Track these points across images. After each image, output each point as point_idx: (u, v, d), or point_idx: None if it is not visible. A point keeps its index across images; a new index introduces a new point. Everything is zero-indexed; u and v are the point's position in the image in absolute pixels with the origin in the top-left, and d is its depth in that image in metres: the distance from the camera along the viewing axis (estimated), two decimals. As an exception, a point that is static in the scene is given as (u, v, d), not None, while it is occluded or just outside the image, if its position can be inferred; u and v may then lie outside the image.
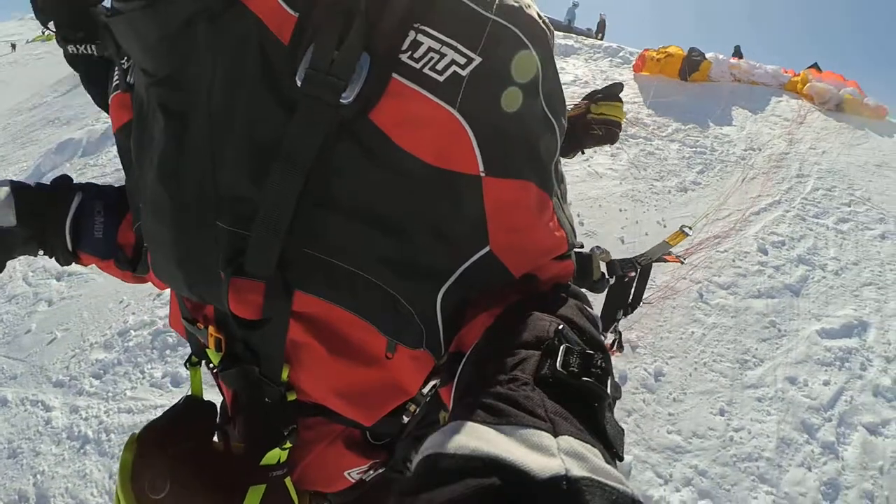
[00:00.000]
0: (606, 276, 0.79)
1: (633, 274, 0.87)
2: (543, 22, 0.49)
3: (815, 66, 7.15)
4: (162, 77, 0.49)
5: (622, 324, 2.88)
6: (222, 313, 0.54)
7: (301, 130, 0.43)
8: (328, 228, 0.46)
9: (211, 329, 0.57)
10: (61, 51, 1.42)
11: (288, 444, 0.59)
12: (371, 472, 0.71)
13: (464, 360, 0.46)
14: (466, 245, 0.48)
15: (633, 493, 0.27)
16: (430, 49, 0.43)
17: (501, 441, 0.29)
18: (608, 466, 0.28)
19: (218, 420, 0.65)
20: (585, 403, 0.35)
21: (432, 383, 0.60)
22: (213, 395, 0.64)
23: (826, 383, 2.71)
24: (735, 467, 2.26)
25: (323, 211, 0.45)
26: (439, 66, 0.43)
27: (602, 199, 4.26)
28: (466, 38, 0.43)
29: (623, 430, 0.37)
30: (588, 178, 4.58)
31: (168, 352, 2.79)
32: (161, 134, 0.50)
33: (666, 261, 1.01)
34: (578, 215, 4.04)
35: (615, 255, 1.13)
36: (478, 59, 0.43)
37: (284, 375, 0.56)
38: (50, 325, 3.19)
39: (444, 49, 0.43)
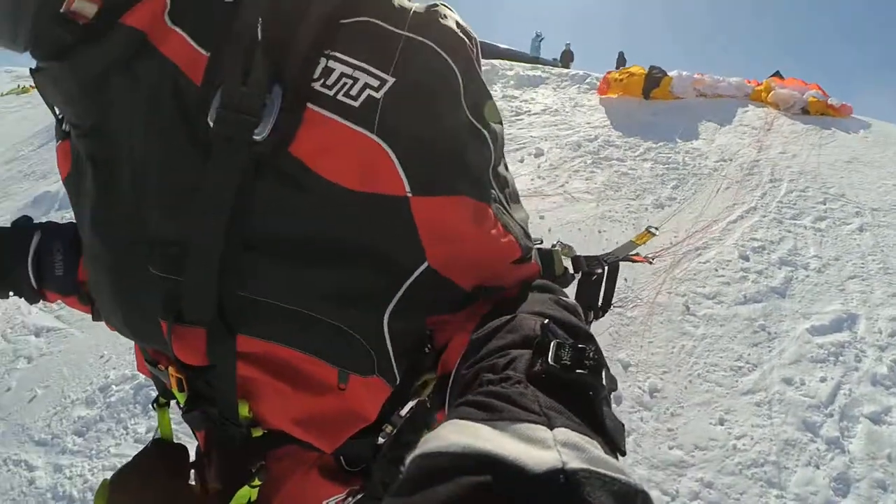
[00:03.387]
0: (571, 272, 0.78)
1: (599, 271, 0.86)
2: (462, 30, 0.49)
3: (778, 73, 7.36)
4: (87, 128, 0.48)
5: (608, 341, 2.85)
6: None
7: (218, 172, 0.42)
8: (261, 269, 0.45)
9: (171, 370, 0.55)
10: (36, 103, 1.40)
11: (257, 482, 0.57)
12: (349, 499, 0.68)
13: (453, 373, 0.45)
14: (404, 264, 0.47)
15: (636, 484, 0.25)
16: (342, 75, 0.42)
17: (495, 437, 0.27)
18: (608, 457, 0.27)
19: (193, 461, 0.63)
20: (581, 397, 0.33)
21: (410, 405, 0.58)
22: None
23: (823, 380, 2.69)
24: (742, 475, 2.21)
25: (253, 252, 0.44)
26: (353, 91, 0.42)
27: (581, 223, 4.27)
28: (378, 59, 0.43)
29: (623, 423, 0.35)
30: (565, 203, 4.59)
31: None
32: (91, 183, 0.50)
33: (634, 261, 1.00)
34: (559, 241, 4.03)
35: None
36: (391, 80, 0.43)
37: (245, 412, 0.54)
38: (30, 382, 3.07)
39: (357, 73, 0.42)
